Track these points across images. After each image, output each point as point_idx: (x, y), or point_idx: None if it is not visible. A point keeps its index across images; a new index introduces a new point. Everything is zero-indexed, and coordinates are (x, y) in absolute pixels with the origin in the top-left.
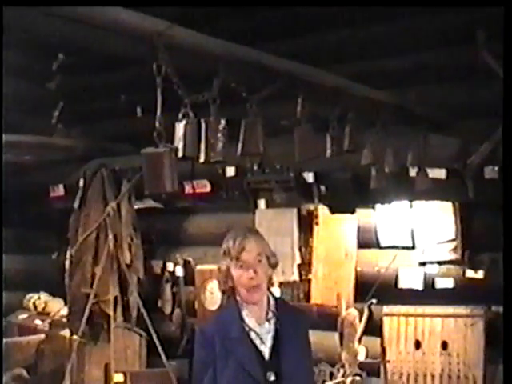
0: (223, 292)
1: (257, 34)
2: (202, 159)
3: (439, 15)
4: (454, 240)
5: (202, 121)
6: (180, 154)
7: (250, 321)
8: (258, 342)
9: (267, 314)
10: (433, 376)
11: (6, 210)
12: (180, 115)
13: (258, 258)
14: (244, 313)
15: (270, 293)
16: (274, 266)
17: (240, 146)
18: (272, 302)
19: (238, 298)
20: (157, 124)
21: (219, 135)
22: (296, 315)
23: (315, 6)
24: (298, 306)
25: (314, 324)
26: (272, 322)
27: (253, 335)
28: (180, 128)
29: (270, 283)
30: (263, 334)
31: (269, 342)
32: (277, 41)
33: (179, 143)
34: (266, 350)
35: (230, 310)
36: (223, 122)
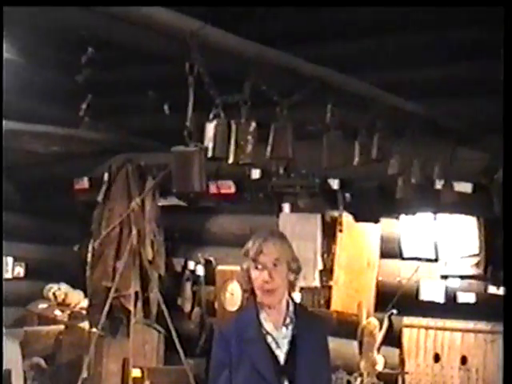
0: (245, 291)
1: (290, 38)
2: (230, 160)
3: (472, 28)
4: (477, 255)
5: (233, 122)
6: (209, 154)
7: (267, 324)
8: (273, 345)
9: (285, 318)
10: None
11: (31, 199)
12: (211, 115)
13: (274, 262)
14: (262, 316)
15: (291, 298)
16: (296, 272)
17: (269, 149)
18: (291, 307)
19: (258, 300)
20: (187, 123)
21: (249, 137)
22: (315, 321)
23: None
24: (318, 312)
25: (334, 331)
26: (290, 327)
27: (269, 339)
28: (210, 128)
29: (292, 288)
30: (280, 339)
31: (285, 346)
32: (309, 46)
33: (209, 143)
34: (281, 354)
35: (249, 311)
36: (253, 124)
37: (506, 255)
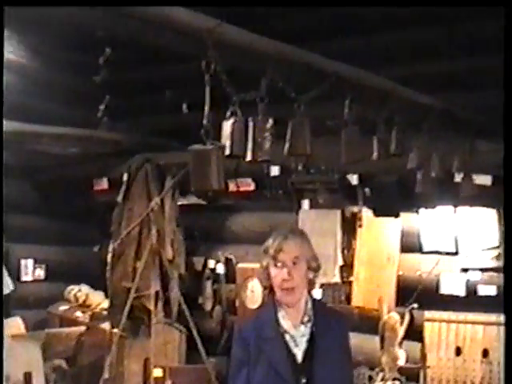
0: (265, 288)
1: (306, 34)
2: (248, 158)
3: (491, 20)
4: (497, 247)
5: (250, 119)
6: (227, 152)
7: (285, 323)
8: (291, 344)
9: (303, 317)
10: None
11: (50, 201)
12: (228, 113)
13: (294, 261)
14: (280, 314)
15: (310, 296)
16: (315, 270)
17: (287, 146)
18: (310, 305)
19: (276, 297)
20: (204, 121)
21: (267, 134)
22: (334, 319)
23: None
24: (340, 308)
25: (355, 327)
26: (308, 325)
27: (287, 337)
28: (228, 126)
29: (311, 286)
30: (298, 337)
31: (303, 345)
32: (325, 41)
33: (226, 141)
34: (299, 353)
35: (267, 310)
36: (271, 121)
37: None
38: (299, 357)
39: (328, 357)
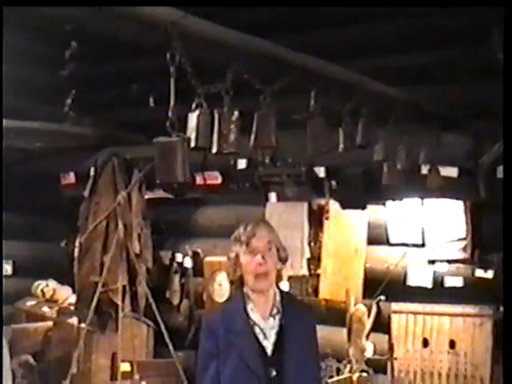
0: (231, 283)
1: (271, 27)
2: (214, 150)
3: (456, 14)
4: (464, 239)
5: (216, 112)
6: (192, 144)
7: (254, 315)
8: (261, 336)
9: (272, 309)
10: (440, 375)
11: (16, 196)
12: (193, 105)
13: (268, 246)
14: (249, 307)
15: (278, 288)
16: (283, 260)
17: (252, 138)
18: (278, 297)
19: (245, 290)
20: (169, 113)
21: (232, 126)
22: (302, 311)
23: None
24: (307, 300)
25: (322, 319)
26: (277, 317)
27: (257, 330)
28: (193, 118)
29: (279, 278)
30: (267, 330)
31: (272, 337)
32: (291, 34)
33: (192, 133)
34: (268, 345)
35: (236, 302)
36: (236, 113)
37: (505, 240)
38: (269, 349)
39: (297, 349)
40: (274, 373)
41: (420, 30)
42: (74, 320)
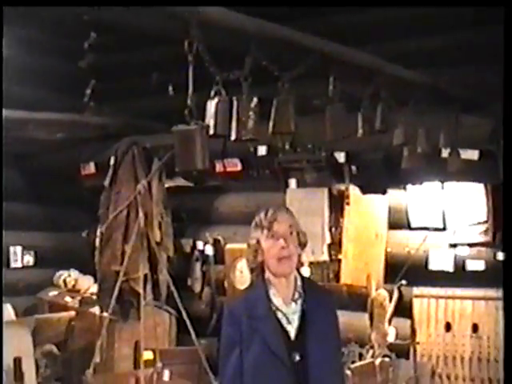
0: (251, 270)
1: (289, 12)
2: (233, 137)
3: None
4: (485, 222)
5: (234, 99)
6: (211, 132)
7: (276, 300)
8: (284, 321)
9: (294, 294)
10: (462, 359)
11: (37, 187)
12: (212, 93)
13: (289, 230)
14: (271, 292)
15: (299, 273)
16: (303, 245)
17: (271, 124)
18: (299, 282)
19: (266, 275)
20: (188, 101)
21: (251, 113)
22: (323, 295)
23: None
24: (328, 286)
25: (344, 304)
26: (299, 302)
27: (279, 315)
28: (211, 106)
29: (299, 263)
30: (290, 314)
31: (295, 322)
32: (310, 19)
33: (210, 121)
34: (291, 329)
35: (258, 288)
36: (255, 99)
37: (506, 221)
38: (292, 334)
39: (320, 333)
40: (297, 357)
41: (440, 11)
42: (96, 309)
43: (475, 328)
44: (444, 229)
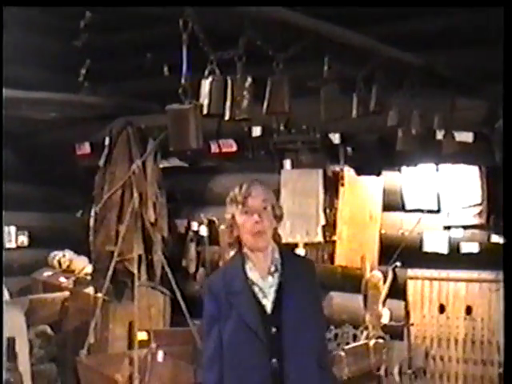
0: (229, 245)
1: None
2: (227, 117)
3: None
4: (479, 204)
5: (228, 78)
6: (205, 111)
7: (253, 274)
8: (260, 295)
9: (270, 267)
10: (456, 340)
11: (31, 167)
12: (206, 72)
13: (263, 205)
14: (247, 266)
15: (278, 245)
16: (278, 218)
17: (266, 104)
18: (277, 255)
19: (244, 250)
20: (182, 80)
21: (245, 93)
22: (302, 266)
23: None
24: (323, 267)
25: (338, 286)
26: (276, 275)
27: (255, 289)
28: (206, 85)
29: (277, 235)
30: (266, 288)
31: (271, 295)
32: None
33: (205, 100)
34: (268, 303)
35: (235, 263)
36: (249, 79)
37: (506, 204)
38: (268, 308)
39: (297, 305)
40: (273, 330)
41: None
42: (90, 290)
43: (469, 310)
44: (438, 211)
